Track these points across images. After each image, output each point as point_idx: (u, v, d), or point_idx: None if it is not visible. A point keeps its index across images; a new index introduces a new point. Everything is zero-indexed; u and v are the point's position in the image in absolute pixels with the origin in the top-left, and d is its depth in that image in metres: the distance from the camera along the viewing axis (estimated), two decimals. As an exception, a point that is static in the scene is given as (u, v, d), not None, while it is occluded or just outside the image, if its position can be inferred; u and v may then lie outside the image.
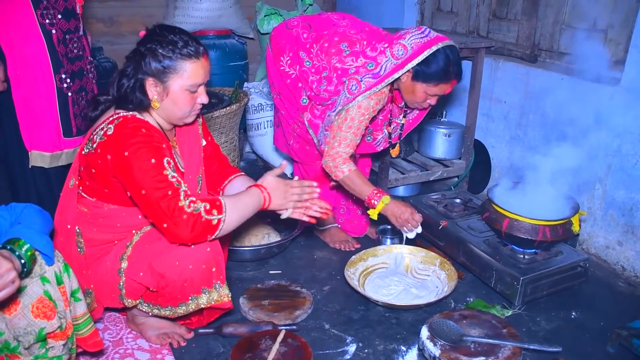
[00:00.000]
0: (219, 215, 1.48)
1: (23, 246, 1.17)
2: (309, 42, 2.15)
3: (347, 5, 4.24)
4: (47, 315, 1.24)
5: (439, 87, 1.96)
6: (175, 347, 1.77)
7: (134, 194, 1.50)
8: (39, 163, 2.18)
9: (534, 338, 1.85)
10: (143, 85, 1.53)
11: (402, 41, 1.95)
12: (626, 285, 2.23)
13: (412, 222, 2.03)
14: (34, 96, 2.11)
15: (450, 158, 2.98)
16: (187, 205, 1.45)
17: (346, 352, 1.77)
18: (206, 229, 1.47)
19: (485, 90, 2.93)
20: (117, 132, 1.50)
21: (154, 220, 1.50)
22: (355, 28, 2.14)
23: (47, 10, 2.06)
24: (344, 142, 2.01)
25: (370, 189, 2.02)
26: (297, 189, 1.67)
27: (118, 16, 3.90)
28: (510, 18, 2.86)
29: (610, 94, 2.25)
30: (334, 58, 2.06)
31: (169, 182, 1.47)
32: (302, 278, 2.22)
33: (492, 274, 2.05)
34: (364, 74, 1.98)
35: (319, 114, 2.16)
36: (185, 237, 1.46)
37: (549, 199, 2.09)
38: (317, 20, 2.22)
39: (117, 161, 1.48)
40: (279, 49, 2.19)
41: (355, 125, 2.00)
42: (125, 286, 1.62)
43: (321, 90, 2.09)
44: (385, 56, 1.97)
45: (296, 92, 2.19)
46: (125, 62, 1.57)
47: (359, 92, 1.97)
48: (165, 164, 1.49)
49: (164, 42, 1.50)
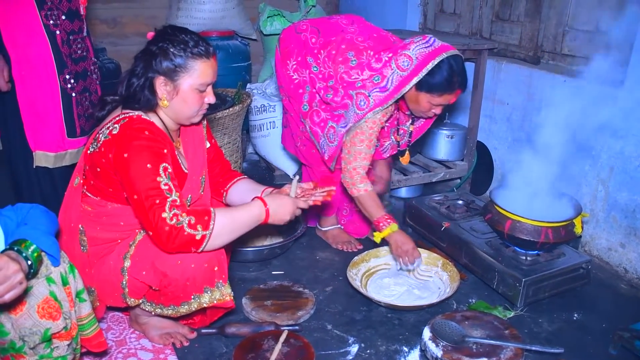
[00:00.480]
0: (204, 232, 1.47)
1: (29, 247, 1.17)
2: (317, 47, 2.14)
3: (350, 7, 4.24)
4: (52, 316, 1.25)
5: (443, 97, 1.96)
6: (178, 347, 1.78)
7: (129, 196, 1.51)
8: (43, 163, 2.19)
9: (536, 339, 1.85)
10: (152, 84, 1.54)
11: (406, 52, 1.94)
12: (628, 287, 2.23)
13: (409, 257, 2.06)
14: (38, 97, 2.12)
15: (452, 159, 2.99)
16: (170, 217, 1.44)
17: (348, 353, 1.78)
18: (188, 243, 1.47)
19: (488, 91, 2.93)
20: (121, 132, 1.51)
21: (144, 226, 1.52)
22: (363, 35, 2.12)
23: (51, 11, 2.07)
24: (359, 156, 2.06)
25: (381, 213, 2.06)
26: (303, 204, 1.69)
27: (121, 17, 3.91)
28: (513, 20, 2.86)
29: (614, 95, 2.25)
30: (340, 67, 2.05)
31: (159, 190, 1.46)
32: (304, 279, 2.23)
33: (494, 276, 2.06)
34: (371, 88, 1.97)
35: (318, 120, 2.16)
36: (165, 247, 1.47)
37: (552, 201, 2.09)
38: (326, 24, 2.20)
39: (117, 161, 1.49)
40: (287, 53, 2.19)
41: (367, 138, 2.03)
42: (128, 285, 1.62)
43: (328, 99, 2.10)
44: (390, 68, 1.96)
45: (297, 98, 2.20)
46: (134, 61, 1.58)
47: (369, 108, 1.97)
48: (161, 171, 1.49)
49: (175, 41, 1.52)
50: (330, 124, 2.13)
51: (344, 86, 2.05)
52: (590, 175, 2.40)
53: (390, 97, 1.96)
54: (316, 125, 2.17)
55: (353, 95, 2.01)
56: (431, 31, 3.49)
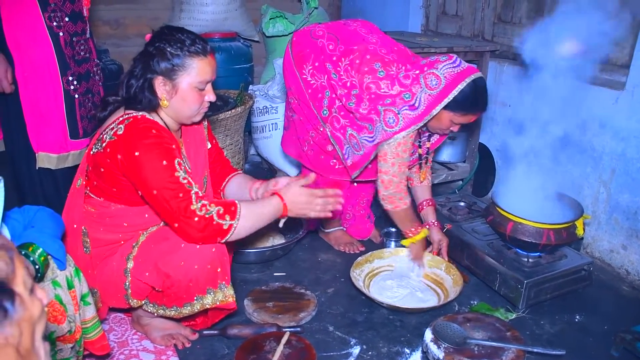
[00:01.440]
0: (231, 221, 1.51)
1: (36, 251, 1.18)
2: (337, 54, 2.10)
3: (352, 9, 4.25)
4: (57, 319, 1.26)
5: (465, 117, 1.98)
6: (180, 348, 1.78)
7: (145, 193, 1.52)
8: (46, 164, 2.20)
9: (538, 341, 1.85)
10: (152, 85, 1.55)
11: (434, 71, 1.94)
12: (630, 289, 2.23)
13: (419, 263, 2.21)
14: (41, 98, 2.13)
15: (454, 161, 2.99)
16: (199, 208, 1.48)
17: (350, 355, 1.78)
18: (216, 233, 1.50)
19: (490, 93, 2.91)
20: (127, 132, 1.52)
21: (166, 219, 1.52)
22: (386, 47, 2.11)
23: (54, 13, 2.08)
24: (403, 167, 2.07)
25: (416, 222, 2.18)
26: (321, 200, 1.68)
27: (124, 19, 3.92)
28: (515, 22, 2.87)
29: (615, 97, 2.25)
30: (366, 77, 2.03)
31: (180, 184, 1.49)
32: (306, 280, 2.23)
33: (496, 277, 2.06)
34: (401, 106, 1.97)
35: (338, 127, 2.13)
36: (195, 237, 1.51)
37: (553, 203, 2.09)
38: (344, 32, 2.16)
39: (128, 161, 1.50)
40: (302, 57, 2.15)
41: (401, 157, 2.04)
42: (131, 286, 1.63)
43: (351, 108, 2.07)
44: (419, 86, 1.96)
45: (317, 103, 2.16)
46: (133, 63, 1.59)
47: (400, 128, 1.96)
48: (177, 166, 1.51)
49: (172, 40, 1.53)
50: (349, 131, 2.11)
51: (371, 98, 2.02)
52: (592, 177, 2.40)
53: (422, 118, 1.96)
54: (337, 131, 2.14)
55: (381, 111, 1.99)
56: (433, 33, 3.50)
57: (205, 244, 1.54)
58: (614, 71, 2.34)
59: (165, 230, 1.62)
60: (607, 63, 2.37)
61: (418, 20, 3.61)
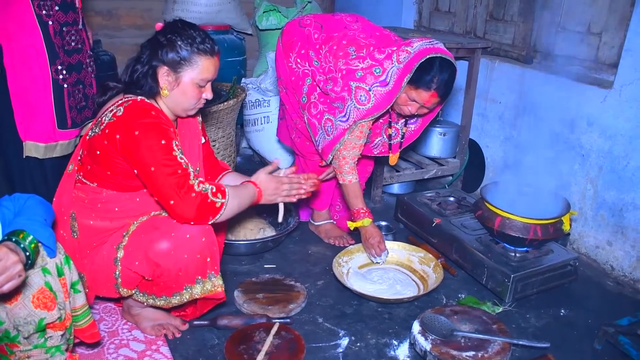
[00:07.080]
0: (223, 199, 1.55)
1: (27, 238, 1.18)
2: (319, 42, 2.15)
3: (345, 3, 4.25)
4: (47, 306, 1.26)
5: (417, 91, 1.93)
6: (170, 338, 1.79)
7: (142, 171, 1.53)
8: (33, 153, 2.18)
9: (523, 334, 1.88)
10: (155, 73, 1.59)
11: (408, 47, 1.94)
12: (614, 284, 2.27)
13: (376, 250, 2.17)
14: (30, 86, 2.10)
15: (445, 157, 3.02)
16: (197, 184, 1.52)
17: (339, 345, 1.80)
18: (209, 211, 1.54)
19: (481, 90, 2.96)
20: (127, 113, 1.54)
21: (161, 196, 1.53)
22: (366, 32, 2.13)
23: (44, 1, 2.06)
24: (349, 145, 2.10)
25: (359, 206, 2.18)
26: (287, 185, 1.75)
27: (117, 9, 3.89)
28: (507, 19, 2.89)
29: (603, 96, 2.28)
30: (340, 60, 2.06)
31: (178, 162, 1.53)
32: (296, 272, 2.25)
33: (483, 271, 2.09)
34: (371, 82, 1.96)
35: (315, 112, 2.17)
36: (189, 215, 1.52)
37: (541, 199, 2.12)
38: (330, 21, 2.21)
39: (127, 140, 1.52)
40: (289, 45, 2.20)
41: (357, 138, 2.10)
42: (121, 275, 1.63)
43: (327, 90, 2.11)
44: (391, 62, 1.95)
45: (298, 90, 2.22)
46: (140, 49, 1.63)
47: (372, 105, 1.97)
48: (174, 146, 1.55)
49: (184, 35, 1.58)
50: (326, 116, 2.14)
51: (343, 75, 2.03)
52: (580, 174, 2.43)
53: (393, 95, 1.95)
54: (313, 117, 2.18)
55: (352, 88, 1.99)
56: (426, 29, 3.51)
57: (197, 224, 1.56)
58: (602, 70, 2.37)
59: (156, 220, 1.63)
60: (596, 62, 2.40)
61: (411, 16, 3.62)
